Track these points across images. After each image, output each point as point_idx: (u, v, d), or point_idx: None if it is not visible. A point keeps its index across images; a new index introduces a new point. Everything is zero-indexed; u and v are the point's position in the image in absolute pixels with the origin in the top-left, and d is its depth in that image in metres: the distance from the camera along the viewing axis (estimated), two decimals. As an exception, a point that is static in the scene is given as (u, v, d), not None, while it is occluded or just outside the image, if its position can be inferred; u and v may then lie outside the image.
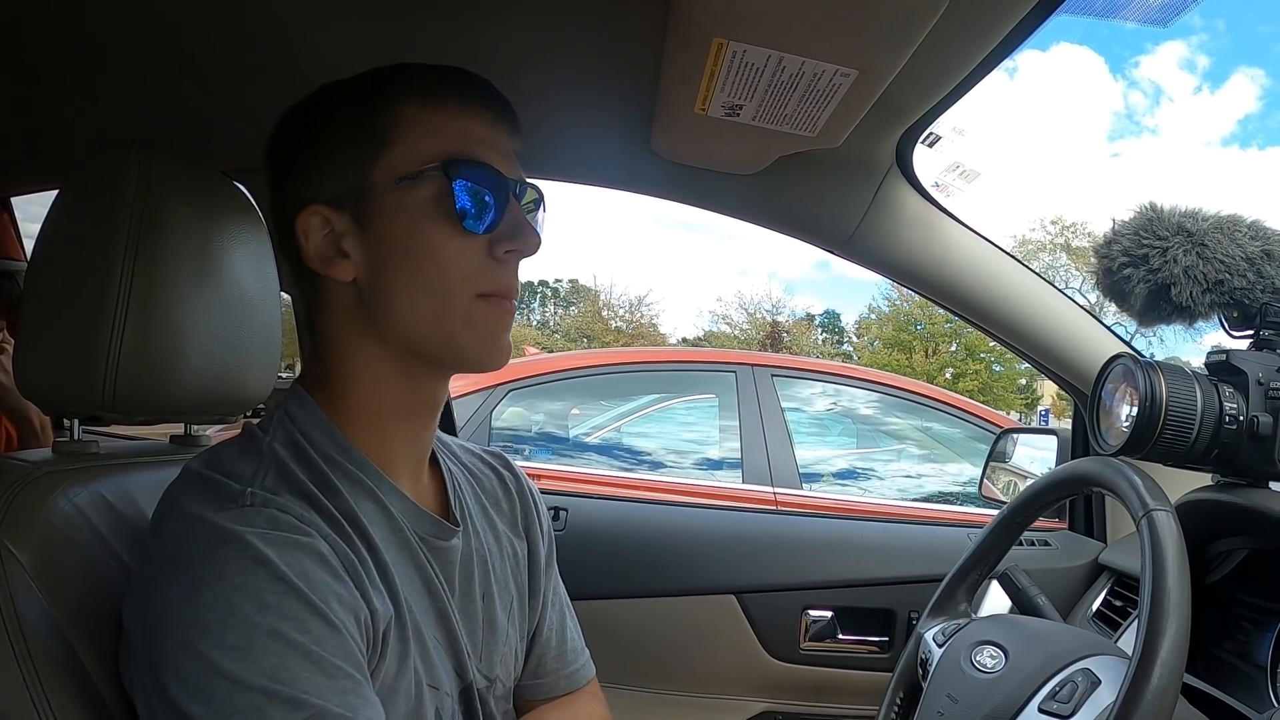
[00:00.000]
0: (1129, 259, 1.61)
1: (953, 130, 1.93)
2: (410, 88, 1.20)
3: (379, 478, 1.21)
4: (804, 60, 1.38)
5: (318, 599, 1.01)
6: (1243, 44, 47.69)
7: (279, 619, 0.98)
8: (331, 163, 1.18)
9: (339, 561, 1.07)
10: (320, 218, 1.18)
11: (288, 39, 1.57)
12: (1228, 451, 1.51)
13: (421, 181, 1.16)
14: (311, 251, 1.18)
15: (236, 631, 0.96)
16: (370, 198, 1.17)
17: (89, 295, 1.23)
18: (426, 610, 1.22)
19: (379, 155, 1.17)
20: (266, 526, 1.03)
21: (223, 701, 0.94)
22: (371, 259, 1.18)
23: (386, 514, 1.21)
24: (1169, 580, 1.17)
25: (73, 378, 1.24)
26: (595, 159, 2.16)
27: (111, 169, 1.26)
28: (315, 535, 1.06)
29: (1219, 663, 1.69)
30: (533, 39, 1.63)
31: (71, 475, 1.23)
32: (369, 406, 1.23)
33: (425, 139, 1.18)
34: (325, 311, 1.23)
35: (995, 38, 1.45)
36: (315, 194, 1.18)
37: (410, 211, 1.16)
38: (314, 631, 1.00)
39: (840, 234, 2.18)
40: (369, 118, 1.18)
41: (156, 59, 1.70)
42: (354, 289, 1.19)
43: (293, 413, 1.22)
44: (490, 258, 1.20)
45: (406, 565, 1.21)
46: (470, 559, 1.33)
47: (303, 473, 1.14)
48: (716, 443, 6.21)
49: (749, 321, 46.27)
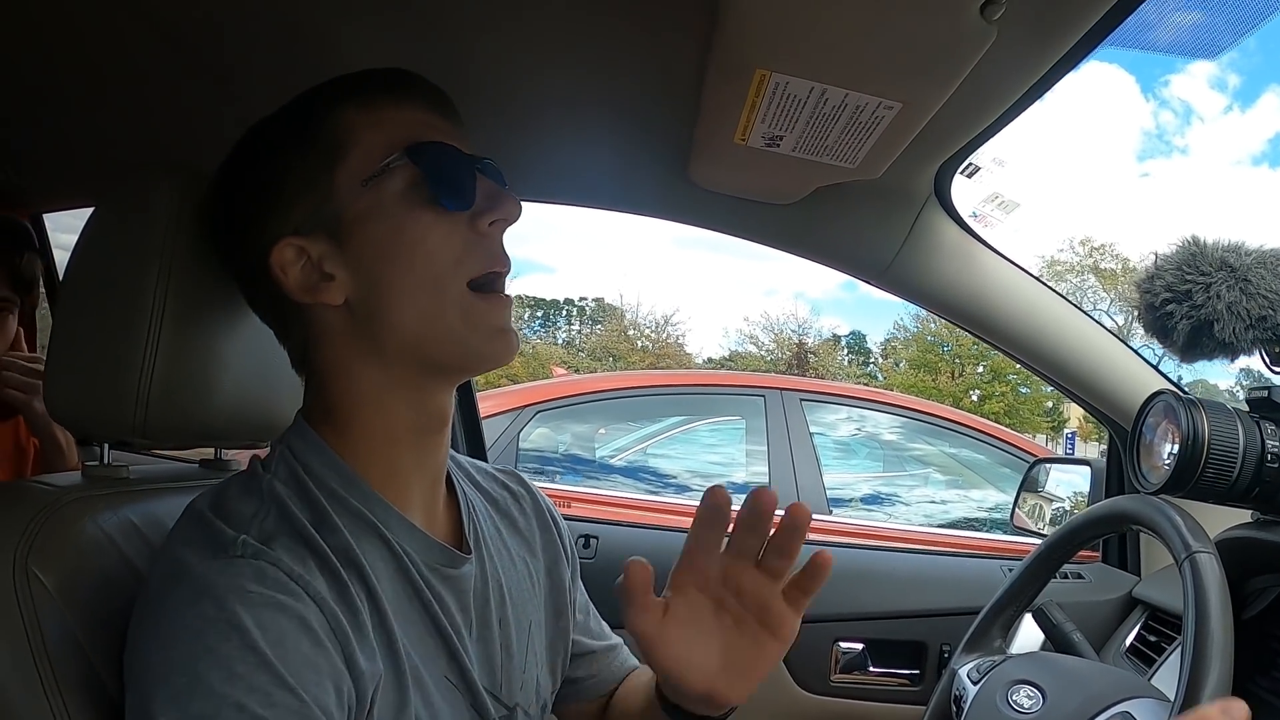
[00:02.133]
0: (1172, 295, 1.60)
1: (992, 161, 1.92)
2: (342, 95, 1.18)
3: (386, 511, 1.18)
4: (847, 92, 1.37)
5: (288, 673, 0.98)
6: (1274, 62, 47.49)
7: (245, 691, 0.96)
8: (290, 192, 1.15)
9: (325, 625, 1.04)
10: (294, 249, 1.14)
11: (322, 61, 1.57)
12: (1269, 490, 1.50)
13: (389, 176, 1.14)
14: (293, 284, 1.15)
15: (203, 700, 0.94)
16: (340, 211, 1.14)
17: (121, 319, 1.22)
18: (433, 653, 1.19)
19: (336, 167, 1.14)
20: (252, 582, 1.01)
21: None
22: (359, 272, 1.14)
23: (391, 553, 1.17)
24: (1212, 624, 1.16)
25: (104, 402, 1.23)
26: (632, 187, 2.16)
27: (145, 191, 1.25)
28: (303, 596, 1.03)
29: (1255, 700, 1.66)
30: (573, 67, 1.63)
31: (101, 500, 1.22)
32: (377, 432, 1.19)
33: (376, 136, 1.15)
34: (319, 342, 1.20)
35: (1040, 70, 1.44)
36: (280, 228, 1.15)
37: (386, 209, 1.14)
38: (279, 705, 0.97)
39: (877, 264, 2.17)
40: (313, 135, 1.16)
41: (189, 80, 1.71)
42: (346, 310, 1.16)
43: (295, 447, 1.19)
44: (475, 233, 1.17)
45: (409, 608, 1.18)
46: (485, 585, 1.30)
47: (303, 512, 1.12)
48: (743, 465, 6.20)
49: (775, 342, 46.24)
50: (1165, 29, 1.52)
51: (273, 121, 1.21)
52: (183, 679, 0.95)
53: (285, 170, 1.15)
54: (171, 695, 0.94)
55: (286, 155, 1.16)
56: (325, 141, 1.14)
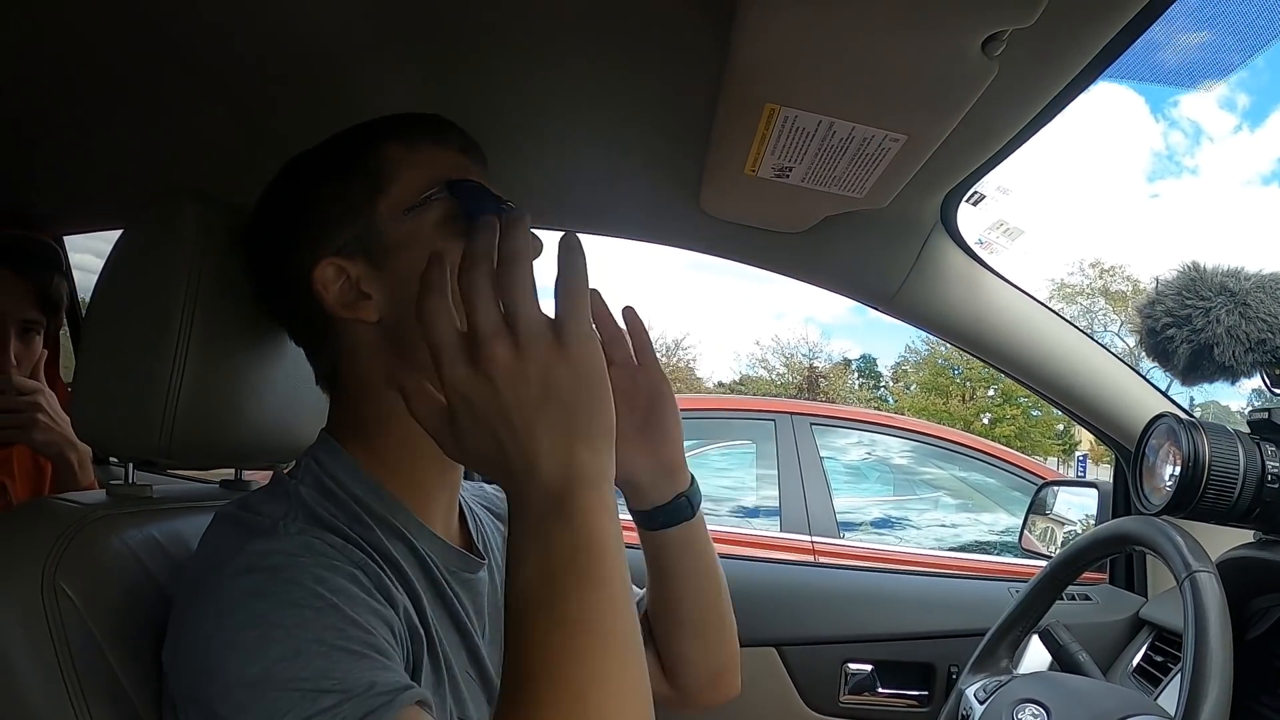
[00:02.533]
0: (1172, 319, 1.62)
1: (997, 189, 1.94)
2: (387, 134, 1.25)
3: (408, 518, 1.23)
4: (854, 126, 1.40)
5: (355, 614, 1.01)
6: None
7: (320, 629, 0.97)
8: (333, 216, 1.22)
9: (372, 584, 1.08)
10: (335, 268, 1.20)
11: (340, 86, 1.60)
12: (1270, 510, 1.51)
13: (428, 207, 1.21)
14: (334, 301, 1.21)
15: (280, 644, 0.95)
16: (380, 235, 1.21)
17: (149, 341, 1.25)
18: (457, 646, 1.24)
19: (378, 197, 1.21)
20: (301, 551, 1.04)
21: (274, 704, 0.93)
22: (394, 292, 1.21)
23: (417, 555, 1.22)
24: (1211, 643, 1.18)
25: (130, 422, 1.25)
26: (645, 216, 2.18)
27: (172, 215, 1.28)
28: (348, 563, 1.07)
29: (1260, 719, 1.69)
30: (585, 97, 1.65)
31: (126, 518, 1.24)
32: (404, 445, 1.24)
33: (416, 173, 1.23)
34: (351, 357, 1.25)
35: (1042, 101, 1.46)
36: (323, 248, 1.21)
37: (423, 237, 1.20)
38: (353, 639, 0.99)
39: (885, 291, 2.19)
40: (359, 167, 1.22)
41: (212, 110, 1.74)
42: (379, 328, 1.22)
43: (321, 459, 1.23)
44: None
45: (436, 602, 1.22)
46: (496, 592, 1.34)
47: (332, 512, 1.16)
48: (754, 490, 6.19)
49: (786, 366, 46.05)
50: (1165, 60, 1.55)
51: (321, 152, 1.28)
52: (253, 634, 0.96)
53: (331, 196, 1.22)
54: (246, 651, 0.95)
55: (333, 182, 1.23)
56: (370, 172, 1.21)
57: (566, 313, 0.93)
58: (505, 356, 0.91)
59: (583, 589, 0.89)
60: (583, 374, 0.93)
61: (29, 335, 2.19)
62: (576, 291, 0.94)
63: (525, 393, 0.91)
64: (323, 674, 0.94)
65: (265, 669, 0.94)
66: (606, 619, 0.89)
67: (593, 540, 0.91)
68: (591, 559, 0.90)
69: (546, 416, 0.91)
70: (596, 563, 0.90)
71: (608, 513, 0.92)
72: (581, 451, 0.92)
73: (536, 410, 0.91)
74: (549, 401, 0.91)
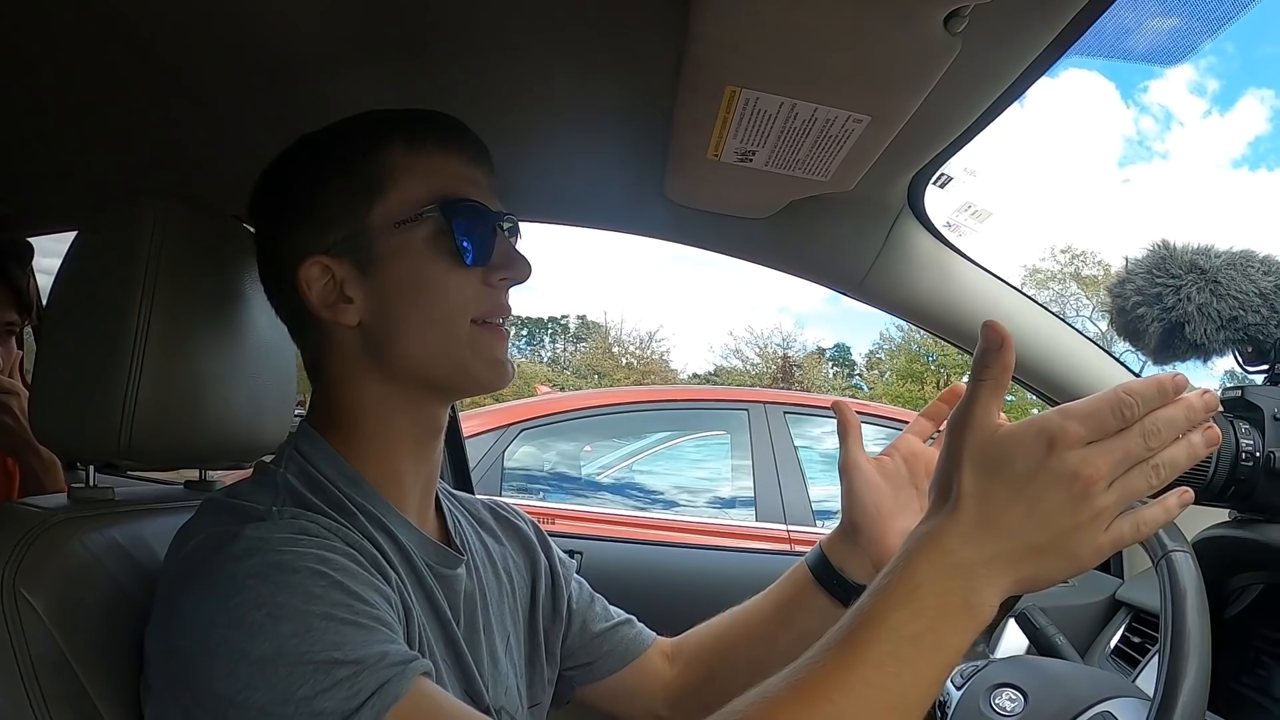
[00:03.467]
0: (1142, 298, 1.61)
1: (964, 171, 1.93)
2: (394, 134, 1.26)
3: (387, 509, 1.25)
4: (816, 107, 1.39)
5: (359, 589, 1.04)
6: (1252, 66, 47.59)
7: (328, 605, 0.99)
8: (328, 214, 1.24)
9: (369, 561, 1.10)
10: (321, 267, 1.23)
11: (303, 84, 1.58)
12: (1245, 488, 1.50)
13: (420, 223, 1.23)
14: (316, 300, 1.23)
15: (290, 621, 0.97)
16: (370, 243, 1.23)
17: (106, 341, 1.24)
18: (437, 636, 1.25)
19: (374, 203, 1.23)
20: (300, 534, 1.06)
21: (286, 680, 0.95)
22: (376, 301, 1.24)
23: (397, 544, 1.24)
24: (1188, 622, 1.16)
25: (89, 424, 1.25)
26: (609, 204, 2.18)
27: (129, 215, 1.27)
28: (343, 545, 1.09)
29: (1239, 698, 1.68)
30: (547, 87, 1.64)
31: (88, 522, 1.23)
32: (378, 438, 1.27)
33: (416, 182, 1.25)
34: (331, 354, 1.27)
35: (1007, 80, 1.46)
36: (314, 245, 1.23)
37: (411, 253, 1.23)
38: (361, 613, 1.01)
39: (853, 276, 2.19)
40: (360, 167, 1.24)
41: (173, 104, 1.72)
42: (359, 331, 1.25)
43: (304, 449, 1.25)
44: (485, 285, 1.28)
45: (418, 590, 1.24)
46: (473, 590, 1.36)
47: (318, 500, 1.18)
48: (729, 480, 6.19)
49: (760, 356, 46.09)
50: (1131, 35, 1.54)
51: (323, 142, 1.29)
52: (261, 613, 0.97)
53: (328, 193, 1.24)
54: (254, 630, 0.97)
55: (332, 179, 1.25)
56: (370, 176, 1.24)
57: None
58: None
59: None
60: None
61: (7, 337, 2.18)
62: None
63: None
64: (334, 646, 0.97)
65: (276, 646, 0.96)
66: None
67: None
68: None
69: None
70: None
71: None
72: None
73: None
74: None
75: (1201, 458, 0.94)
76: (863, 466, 1.43)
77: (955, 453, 0.94)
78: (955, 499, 0.93)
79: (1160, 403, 0.91)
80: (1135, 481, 0.91)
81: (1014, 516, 0.90)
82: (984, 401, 0.94)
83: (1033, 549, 0.90)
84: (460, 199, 1.25)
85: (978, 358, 0.94)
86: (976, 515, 0.91)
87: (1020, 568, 0.91)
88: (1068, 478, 0.89)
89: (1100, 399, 0.91)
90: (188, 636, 1.00)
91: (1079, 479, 0.89)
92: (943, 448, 0.97)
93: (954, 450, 0.95)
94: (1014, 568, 0.90)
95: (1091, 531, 0.90)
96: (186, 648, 1.00)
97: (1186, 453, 0.93)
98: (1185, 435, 0.93)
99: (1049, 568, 0.91)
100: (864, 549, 1.43)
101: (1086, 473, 0.89)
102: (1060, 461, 0.89)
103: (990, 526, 0.90)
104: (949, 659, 0.89)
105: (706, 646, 1.60)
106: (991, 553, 0.90)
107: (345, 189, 1.24)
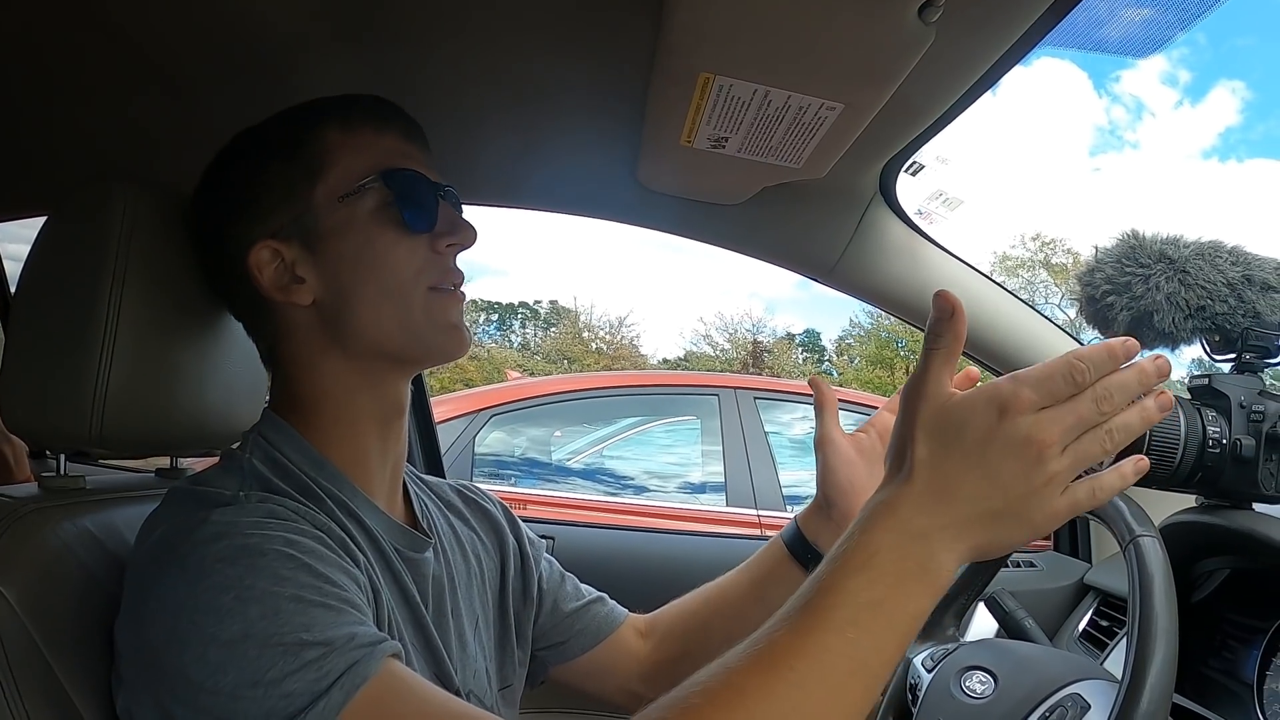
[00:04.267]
0: (1112, 287, 1.62)
1: (936, 159, 1.94)
2: (328, 118, 1.27)
3: (354, 492, 1.25)
4: (790, 94, 1.39)
5: (327, 573, 1.04)
6: (1224, 57, 47.77)
7: (296, 587, 1.00)
8: (271, 200, 1.24)
9: (338, 544, 1.11)
10: (270, 250, 1.23)
11: (272, 69, 1.57)
12: (1211, 475, 1.51)
13: (363, 195, 1.24)
14: (267, 283, 1.24)
15: (258, 604, 0.97)
16: (316, 222, 1.24)
17: (75, 329, 1.23)
18: (405, 620, 1.25)
19: (316, 182, 1.24)
20: (268, 518, 1.06)
21: (255, 662, 0.95)
22: (328, 278, 1.24)
23: (364, 528, 1.24)
24: (1156, 606, 1.17)
25: (59, 412, 1.23)
26: (580, 189, 2.17)
27: (98, 201, 1.26)
28: (311, 528, 1.09)
29: (1206, 681, 1.69)
30: (519, 72, 1.64)
31: (59, 511, 1.22)
32: (341, 419, 1.28)
33: (354, 159, 1.25)
34: (287, 337, 1.28)
35: (980, 69, 1.46)
36: (260, 230, 1.24)
37: (358, 225, 1.24)
38: (329, 595, 1.02)
39: (824, 262, 2.19)
40: (298, 151, 1.25)
41: (142, 87, 1.70)
42: (314, 310, 1.25)
43: (268, 435, 1.25)
44: (434, 253, 1.28)
45: (386, 574, 1.24)
46: (441, 574, 1.36)
47: (284, 485, 1.18)
48: (699, 465, 6.19)
49: (730, 341, 46.08)
50: (1105, 26, 1.55)
51: (260, 132, 1.29)
52: (228, 596, 0.97)
53: (269, 179, 1.24)
54: (223, 613, 0.97)
55: (271, 165, 1.25)
56: (308, 157, 1.24)
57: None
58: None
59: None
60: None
61: None
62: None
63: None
64: (303, 628, 0.97)
65: (244, 628, 0.96)
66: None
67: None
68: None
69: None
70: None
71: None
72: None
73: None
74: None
75: (1155, 422, 0.94)
76: (838, 442, 1.45)
77: (909, 421, 0.95)
78: (910, 467, 0.93)
79: (1111, 367, 0.91)
80: (1089, 446, 0.91)
81: (968, 483, 0.90)
82: (936, 370, 0.95)
83: (987, 514, 0.91)
84: (400, 169, 1.27)
85: (930, 326, 0.95)
86: (931, 482, 0.92)
87: (976, 533, 0.91)
88: (1020, 443, 0.89)
89: (1052, 364, 0.91)
90: (157, 624, 1.00)
91: (1032, 444, 0.89)
92: (897, 417, 0.98)
93: (908, 419, 0.95)
94: (969, 533, 0.91)
95: (1046, 496, 0.91)
96: (156, 636, 1.00)
97: (1140, 417, 0.93)
98: (1139, 400, 0.93)
99: (1005, 532, 0.92)
100: (838, 524, 1.45)
101: (1040, 437, 0.89)
102: (1013, 427, 0.89)
103: (944, 493, 0.91)
104: (908, 625, 0.90)
105: (681, 622, 1.62)
106: (946, 519, 0.90)
107: (284, 174, 1.25)
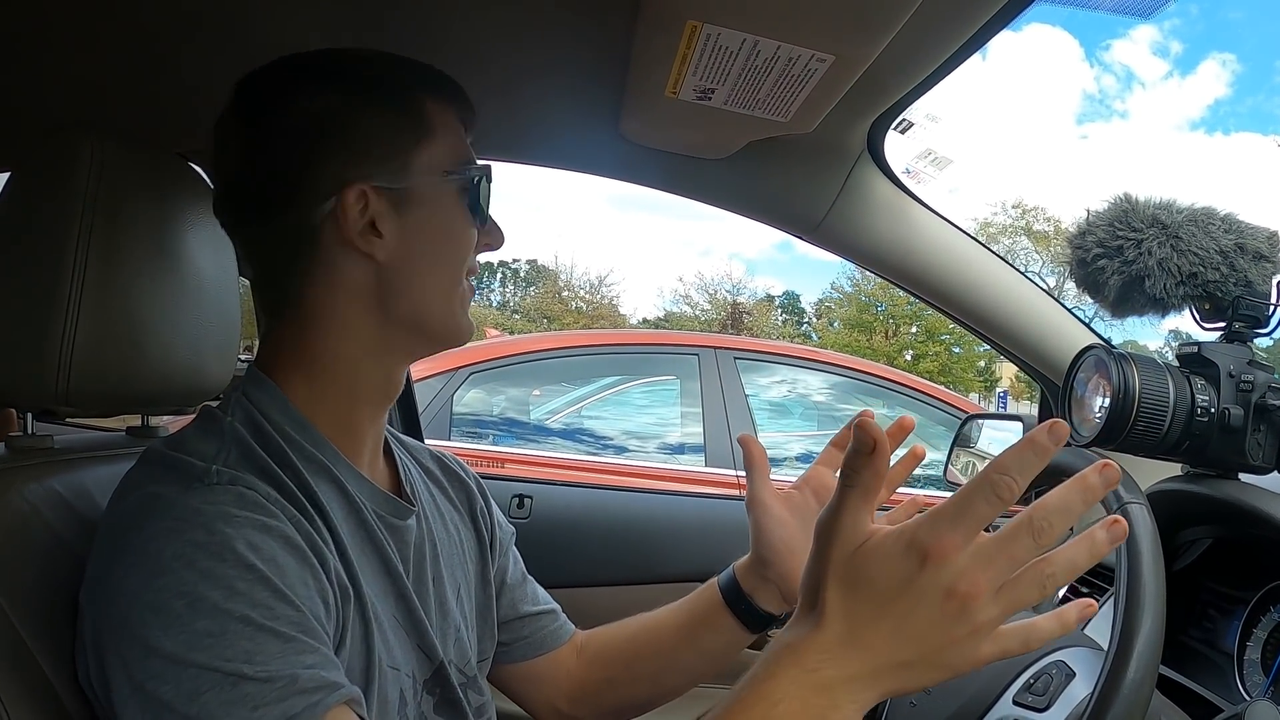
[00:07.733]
0: (1103, 250, 1.60)
1: (926, 117, 1.93)
2: (424, 82, 1.26)
3: (335, 457, 1.23)
4: (779, 45, 1.36)
5: (285, 587, 1.01)
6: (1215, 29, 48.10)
7: (249, 606, 0.97)
8: (378, 148, 1.21)
9: (305, 543, 1.07)
10: (359, 194, 1.19)
11: (245, 18, 1.54)
12: (1199, 443, 1.51)
13: (459, 177, 1.26)
14: (349, 226, 1.19)
15: (208, 619, 0.95)
16: (412, 187, 1.22)
17: (41, 285, 1.21)
18: (384, 591, 1.23)
19: (420, 146, 1.23)
20: (234, 505, 1.03)
21: (193, 682, 0.93)
22: (403, 242, 1.22)
23: (344, 493, 1.22)
24: (1144, 574, 1.16)
25: (25, 370, 1.22)
26: (563, 143, 2.15)
27: (64, 154, 1.24)
28: (281, 517, 1.06)
29: (1187, 650, 1.69)
30: (501, 24, 1.62)
31: (26, 472, 1.21)
32: (341, 384, 1.25)
33: (449, 136, 1.27)
34: (335, 286, 1.22)
35: (974, 24, 1.45)
36: (355, 173, 1.19)
37: (446, 203, 1.25)
38: (281, 618, 0.99)
39: (809, 220, 2.17)
40: (408, 107, 1.24)
41: (109, 37, 1.66)
42: (375, 268, 1.22)
43: (252, 395, 1.21)
44: (474, 246, 1.31)
45: (364, 546, 1.22)
46: (423, 541, 1.35)
47: (263, 450, 1.15)
48: (678, 425, 6.19)
49: (710, 302, 46.30)
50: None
51: (362, 74, 1.25)
52: (180, 603, 0.95)
53: (377, 125, 1.22)
54: (171, 620, 0.95)
55: (381, 109, 1.22)
56: (416, 117, 1.24)
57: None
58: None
59: None
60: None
61: None
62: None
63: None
64: (246, 657, 0.95)
65: (187, 643, 0.94)
66: None
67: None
68: None
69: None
70: None
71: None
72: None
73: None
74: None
75: (1105, 555, 0.87)
76: (769, 504, 1.45)
77: (822, 561, 0.90)
78: (819, 613, 0.88)
79: (1039, 465, 0.83)
80: (1023, 593, 0.85)
81: (879, 634, 0.86)
82: (852, 509, 0.88)
83: (899, 665, 0.86)
84: (487, 164, 1.29)
85: (847, 461, 0.88)
86: (840, 632, 0.87)
87: (884, 683, 0.87)
88: (941, 594, 0.84)
89: (968, 489, 0.84)
90: (113, 605, 0.99)
91: (955, 595, 0.83)
92: (810, 552, 0.92)
93: (820, 558, 0.90)
94: (878, 683, 0.87)
95: (969, 646, 0.86)
96: (112, 617, 0.99)
97: (1087, 553, 0.86)
98: (1088, 530, 0.87)
99: (919, 679, 0.88)
100: (775, 582, 1.46)
101: (963, 589, 0.83)
102: (934, 577, 0.84)
103: (854, 644, 0.86)
104: None
105: (612, 649, 1.63)
106: (854, 670, 0.86)
107: (395, 125, 1.22)
